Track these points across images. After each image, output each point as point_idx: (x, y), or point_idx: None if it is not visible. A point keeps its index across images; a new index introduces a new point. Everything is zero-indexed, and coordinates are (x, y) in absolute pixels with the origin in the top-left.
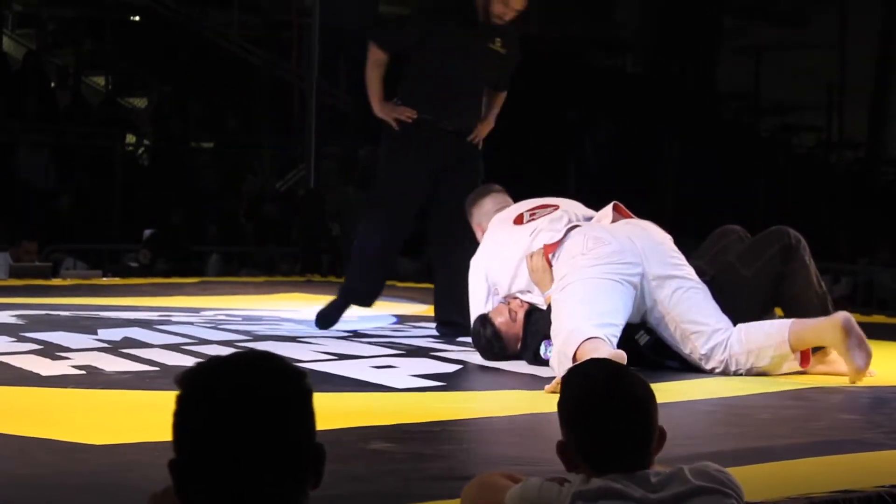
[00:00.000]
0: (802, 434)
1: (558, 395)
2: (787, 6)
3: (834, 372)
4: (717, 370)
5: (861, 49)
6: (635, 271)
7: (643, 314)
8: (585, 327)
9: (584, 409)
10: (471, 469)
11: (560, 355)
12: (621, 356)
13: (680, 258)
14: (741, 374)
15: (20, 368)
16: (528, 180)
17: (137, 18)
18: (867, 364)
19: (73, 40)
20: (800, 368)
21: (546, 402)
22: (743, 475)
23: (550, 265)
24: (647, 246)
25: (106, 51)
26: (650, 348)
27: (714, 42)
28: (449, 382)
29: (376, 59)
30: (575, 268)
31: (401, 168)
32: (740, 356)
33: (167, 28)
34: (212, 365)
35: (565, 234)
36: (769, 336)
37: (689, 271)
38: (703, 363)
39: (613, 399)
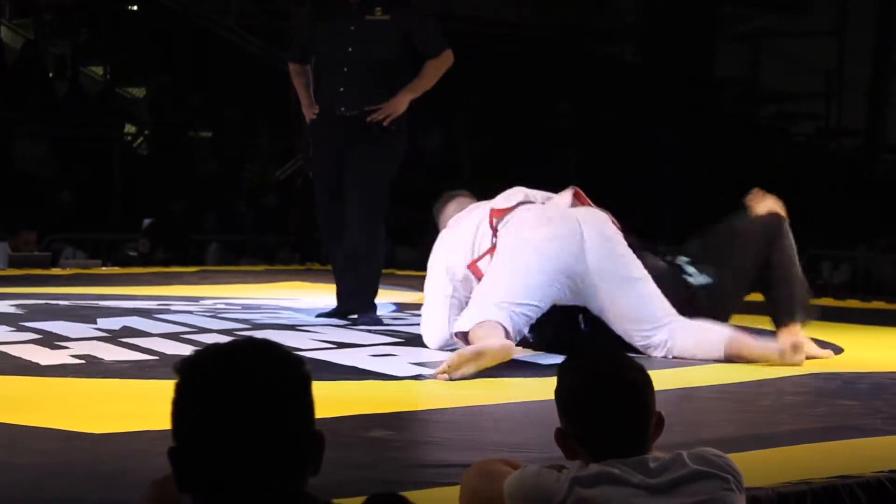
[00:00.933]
0: (802, 420)
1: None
2: None
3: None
4: (653, 353)
5: (859, 36)
6: (576, 260)
7: (585, 303)
8: (490, 310)
9: (581, 398)
10: (470, 456)
11: (462, 318)
12: (508, 348)
13: (627, 252)
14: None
15: (19, 358)
16: (521, 171)
17: (135, 8)
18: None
19: (71, 30)
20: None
21: (544, 390)
22: (743, 461)
23: (495, 230)
24: (595, 236)
25: (103, 40)
26: (590, 332)
27: (713, 30)
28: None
29: (293, 70)
30: (520, 240)
31: (313, 160)
32: (676, 353)
33: (165, 17)
34: (210, 353)
35: (516, 205)
36: (699, 346)
37: (636, 265)
38: (645, 352)
39: (610, 387)
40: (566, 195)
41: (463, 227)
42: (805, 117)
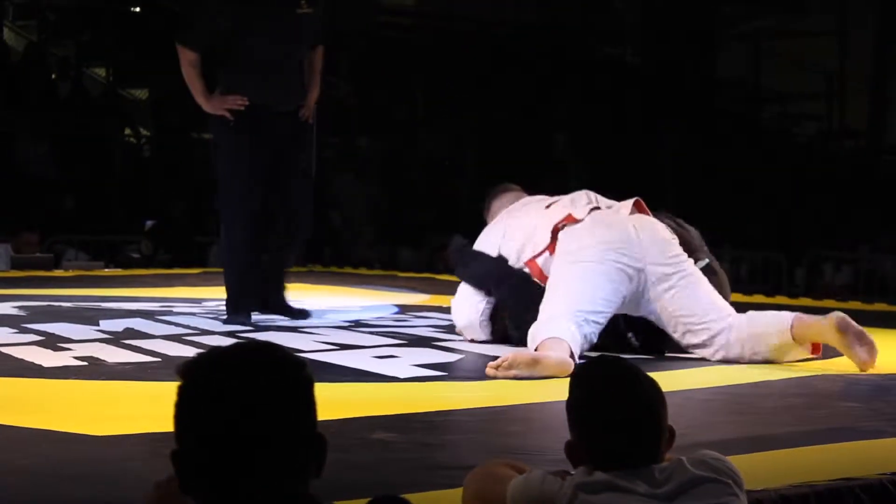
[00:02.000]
0: (804, 422)
1: (567, 394)
2: None
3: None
4: (717, 357)
5: (860, 36)
6: (636, 264)
7: (641, 306)
8: (563, 323)
9: (592, 411)
10: (473, 458)
11: (533, 334)
12: (566, 365)
13: (681, 253)
14: (744, 362)
15: (22, 360)
16: (520, 172)
17: (138, 9)
18: (872, 356)
19: (74, 31)
20: (809, 355)
21: (548, 391)
22: (745, 463)
23: (556, 230)
24: (650, 240)
25: (107, 42)
26: (640, 348)
27: (713, 31)
28: (450, 372)
29: (190, 59)
30: (581, 247)
31: (243, 157)
32: (741, 343)
33: (167, 19)
34: (212, 356)
35: (589, 212)
36: (769, 325)
37: (690, 266)
38: (703, 352)
39: (622, 400)
40: (628, 204)
41: (521, 220)
42: (806, 118)
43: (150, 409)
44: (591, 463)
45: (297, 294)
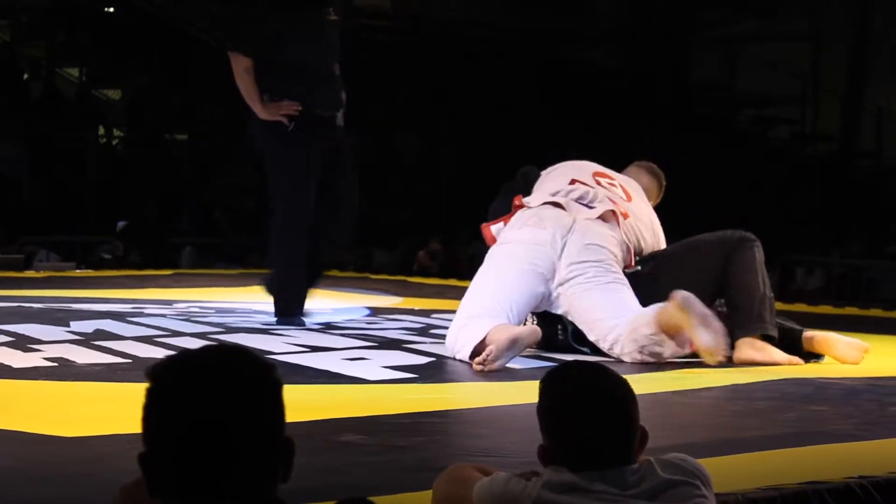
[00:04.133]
0: (773, 425)
1: (537, 398)
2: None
3: (768, 360)
4: (614, 353)
5: (835, 41)
6: (548, 265)
7: (554, 305)
8: (486, 320)
9: (564, 412)
10: (442, 461)
11: (464, 337)
12: (536, 331)
13: (601, 261)
14: (638, 359)
15: None
16: (497, 174)
17: (111, 10)
18: (716, 342)
19: (47, 32)
20: (685, 352)
21: (517, 395)
22: (714, 466)
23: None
24: (576, 244)
25: (80, 42)
26: (566, 342)
27: (689, 34)
28: (421, 374)
29: (245, 66)
30: (508, 241)
31: (301, 167)
32: (629, 340)
33: (141, 19)
34: (181, 358)
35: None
36: (644, 315)
37: (599, 272)
38: (604, 349)
39: (594, 401)
40: (599, 210)
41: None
42: (781, 122)
43: (120, 410)
44: (563, 465)
45: (269, 295)
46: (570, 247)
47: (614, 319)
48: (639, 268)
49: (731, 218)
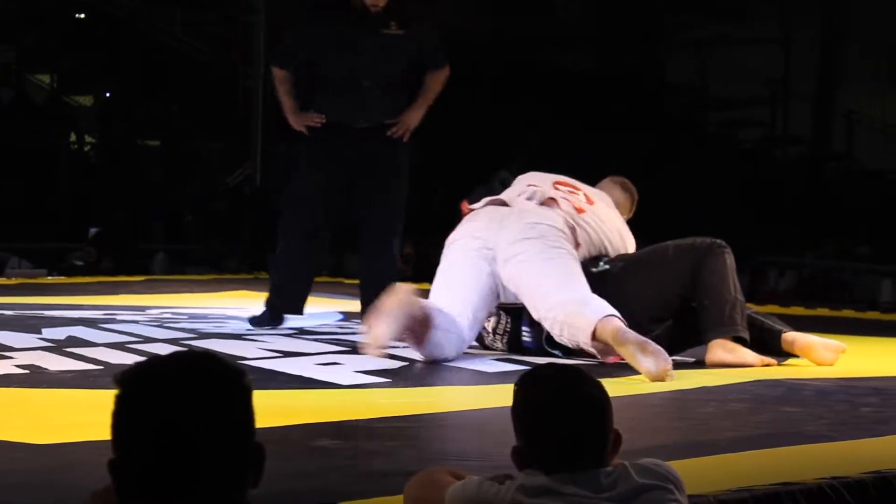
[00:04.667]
0: (745, 427)
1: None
2: (731, 2)
3: (740, 361)
4: (546, 326)
5: (804, 45)
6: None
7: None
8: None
9: (538, 415)
10: (414, 465)
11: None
12: (401, 287)
13: (534, 238)
14: (562, 342)
15: None
16: (468, 180)
17: (82, 16)
18: (658, 366)
19: (17, 37)
20: (599, 358)
21: (490, 398)
22: (686, 468)
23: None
24: (511, 229)
25: (50, 48)
26: (538, 346)
27: (660, 38)
28: (394, 378)
29: (280, 77)
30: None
31: (311, 174)
32: (560, 325)
33: (112, 25)
34: (149, 365)
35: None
36: (578, 316)
37: (547, 242)
38: (535, 317)
39: (567, 403)
40: (537, 199)
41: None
42: (752, 125)
43: (92, 416)
44: (538, 467)
45: (241, 301)
46: (511, 227)
47: (557, 296)
48: (607, 267)
49: (703, 220)
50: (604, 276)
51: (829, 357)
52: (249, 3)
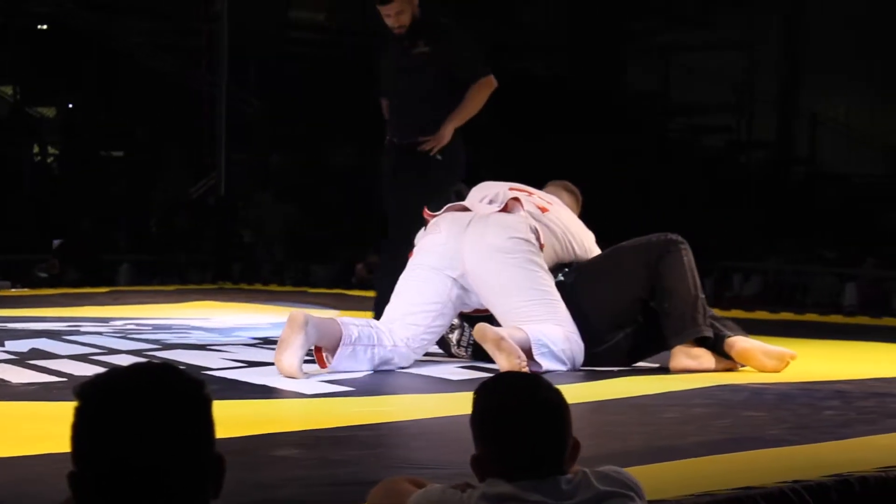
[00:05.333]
0: (708, 431)
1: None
2: (694, 8)
3: (703, 368)
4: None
5: (767, 49)
6: (454, 268)
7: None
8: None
9: (496, 422)
10: (377, 474)
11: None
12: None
13: (515, 263)
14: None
15: None
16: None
17: (45, 27)
18: (511, 363)
19: None
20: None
21: (453, 406)
22: (648, 473)
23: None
24: (472, 239)
25: (13, 60)
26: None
27: (622, 44)
28: (358, 387)
29: (383, 107)
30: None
31: (385, 184)
32: None
33: (75, 36)
34: (108, 377)
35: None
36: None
37: (525, 277)
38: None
39: (525, 410)
40: (501, 203)
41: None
42: (715, 130)
43: (54, 429)
44: (497, 474)
45: (206, 311)
46: (473, 239)
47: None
48: (561, 278)
49: (668, 226)
50: (560, 287)
51: (769, 364)
52: (211, 12)
